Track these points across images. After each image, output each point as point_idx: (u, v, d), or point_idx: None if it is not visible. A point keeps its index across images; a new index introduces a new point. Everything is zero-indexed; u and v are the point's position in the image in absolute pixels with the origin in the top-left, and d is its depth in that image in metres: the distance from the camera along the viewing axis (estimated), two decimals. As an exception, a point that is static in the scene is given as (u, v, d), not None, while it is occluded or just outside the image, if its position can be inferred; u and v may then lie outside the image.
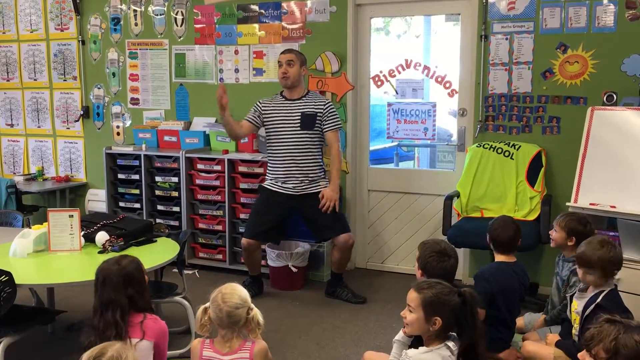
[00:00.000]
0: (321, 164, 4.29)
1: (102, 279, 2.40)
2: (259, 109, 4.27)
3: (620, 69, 4.08)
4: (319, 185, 4.22)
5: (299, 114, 4.18)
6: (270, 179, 4.26)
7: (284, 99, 4.25)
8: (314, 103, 4.21)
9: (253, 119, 4.27)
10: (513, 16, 4.34)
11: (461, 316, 2.13)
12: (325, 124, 4.22)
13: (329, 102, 4.28)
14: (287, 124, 4.18)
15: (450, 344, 2.15)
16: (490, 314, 2.84)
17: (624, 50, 4.06)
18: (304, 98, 4.23)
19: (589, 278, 2.60)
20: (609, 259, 2.58)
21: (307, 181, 4.19)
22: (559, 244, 3.14)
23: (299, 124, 4.17)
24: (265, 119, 4.25)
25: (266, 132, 4.30)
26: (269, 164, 4.31)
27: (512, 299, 2.95)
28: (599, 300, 2.55)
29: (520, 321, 3.22)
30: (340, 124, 4.30)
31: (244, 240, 4.30)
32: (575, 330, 2.66)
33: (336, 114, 4.26)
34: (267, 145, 4.28)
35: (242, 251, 4.38)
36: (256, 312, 2.28)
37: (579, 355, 1.84)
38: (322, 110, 4.20)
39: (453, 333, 2.19)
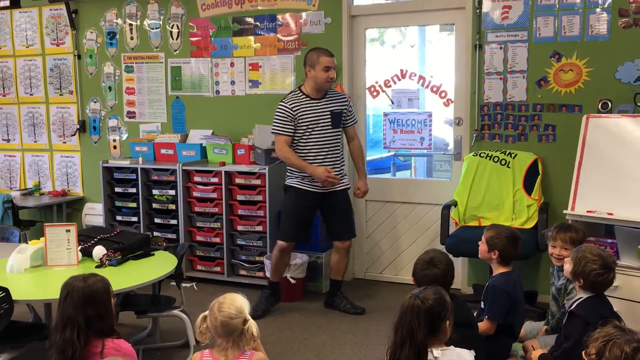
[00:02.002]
0: (344, 159, 4.33)
1: (65, 294, 2.35)
2: (291, 114, 4.06)
3: (614, 76, 4.10)
4: (342, 182, 4.23)
5: (329, 112, 4.14)
6: (297, 177, 4.18)
7: (309, 99, 4.13)
8: (338, 100, 4.22)
9: (292, 131, 4.09)
10: (507, 25, 4.36)
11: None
12: (348, 120, 4.28)
13: (349, 98, 4.34)
14: (318, 124, 4.12)
15: (436, 352, 2.13)
16: (499, 325, 2.84)
17: (617, 58, 4.08)
18: (327, 96, 4.18)
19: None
20: None
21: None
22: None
23: (329, 123, 4.14)
24: (296, 121, 4.10)
25: (295, 132, 4.14)
26: None
27: (520, 307, 2.96)
28: (572, 307, 2.56)
29: (522, 333, 3.20)
30: (356, 117, 4.44)
31: (281, 243, 4.22)
32: None
33: (353, 109, 4.38)
34: (294, 144, 4.13)
35: (277, 252, 4.24)
36: (252, 324, 2.28)
37: (583, 352, 1.85)
38: (346, 107, 4.25)
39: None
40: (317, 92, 4.14)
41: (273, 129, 4.16)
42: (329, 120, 4.14)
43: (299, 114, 4.09)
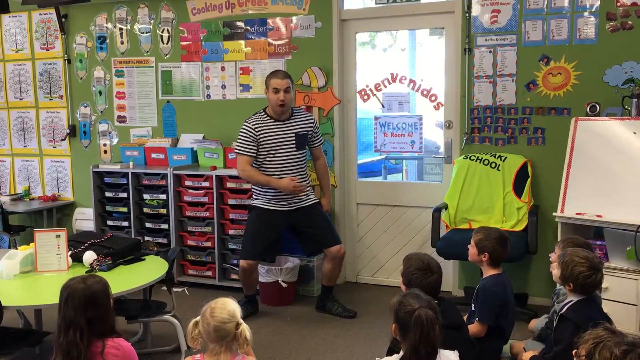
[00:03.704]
0: (308, 178, 4.32)
1: (65, 296, 2.35)
2: (254, 135, 4.09)
3: (602, 79, 4.13)
4: (309, 198, 4.24)
5: (293, 134, 4.16)
6: (262, 198, 4.20)
7: (272, 120, 4.15)
8: (303, 122, 4.23)
9: (255, 152, 4.11)
10: (496, 29, 4.39)
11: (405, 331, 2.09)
12: (315, 141, 4.31)
13: (315, 119, 4.37)
14: (282, 146, 4.13)
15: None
16: (490, 327, 2.85)
17: (605, 61, 4.12)
18: (292, 117, 4.20)
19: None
20: None
21: (298, 196, 4.18)
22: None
23: (294, 145, 4.16)
24: (259, 142, 4.12)
25: (258, 153, 4.15)
26: (259, 185, 4.20)
27: (511, 309, 2.97)
28: (562, 311, 2.57)
29: (532, 323, 3.20)
30: (322, 139, 4.49)
31: (243, 262, 4.21)
32: None
33: (320, 130, 4.45)
34: (259, 165, 4.16)
35: (240, 272, 4.28)
36: (244, 328, 2.28)
37: (573, 352, 1.85)
38: (312, 129, 4.27)
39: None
40: (279, 114, 4.15)
41: (235, 149, 4.18)
42: (294, 142, 4.15)
43: (262, 136, 4.10)
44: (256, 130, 4.11)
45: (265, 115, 4.18)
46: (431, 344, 2.04)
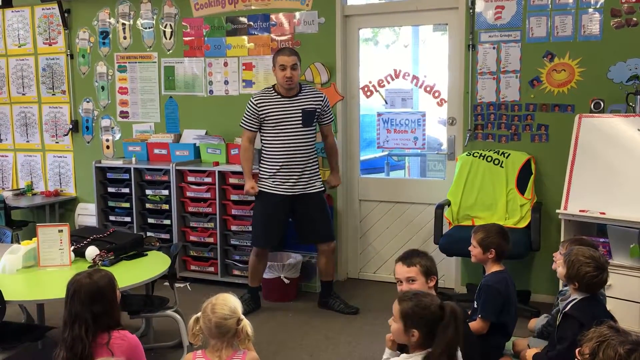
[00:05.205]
0: (317, 160, 4.29)
1: (72, 291, 2.36)
2: (256, 111, 4.10)
3: (606, 76, 4.12)
4: (314, 185, 4.21)
5: (300, 110, 4.12)
6: (266, 178, 4.17)
7: (279, 96, 4.13)
8: (312, 98, 4.18)
9: (255, 127, 4.14)
10: (500, 25, 4.37)
11: (438, 328, 2.06)
12: (323, 118, 4.26)
13: (325, 96, 4.29)
14: (288, 122, 4.10)
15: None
16: (493, 324, 2.85)
17: (609, 58, 4.10)
18: (300, 94, 4.16)
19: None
20: None
21: (304, 179, 4.15)
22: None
23: (300, 121, 4.11)
24: (262, 118, 4.12)
25: (263, 130, 4.15)
26: (264, 162, 4.19)
27: (513, 306, 2.96)
28: (566, 309, 2.56)
29: (532, 323, 3.20)
30: (333, 116, 4.45)
31: (257, 249, 4.26)
32: None
33: (330, 107, 4.35)
34: (264, 142, 4.15)
35: (253, 258, 4.29)
36: (246, 323, 2.29)
37: (577, 350, 1.84)
38: (320, 106, 4.21)
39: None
40: (286, 90, 4.13)
41: (240, 123, 4.23)
42: (300, 118, 4.11)
43: (264, 111, 4.09)
44: (258, 105, 4.10)
45: (273, 91, 4.16)
46: (461, 338, 2.03)
